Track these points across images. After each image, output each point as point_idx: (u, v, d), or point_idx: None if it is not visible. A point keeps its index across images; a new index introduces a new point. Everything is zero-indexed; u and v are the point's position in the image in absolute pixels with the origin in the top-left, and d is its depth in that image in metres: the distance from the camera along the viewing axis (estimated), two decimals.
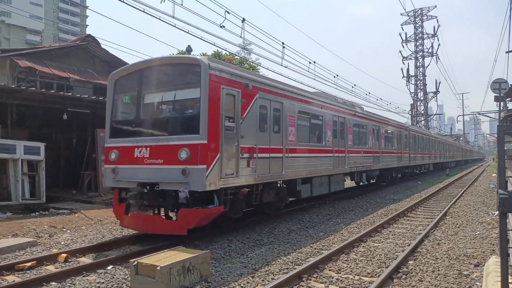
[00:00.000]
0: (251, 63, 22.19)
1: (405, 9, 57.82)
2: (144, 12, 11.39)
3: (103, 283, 6.01)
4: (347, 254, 7.79)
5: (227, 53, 22.23)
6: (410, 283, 6.04)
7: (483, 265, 6.59)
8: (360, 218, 12.02)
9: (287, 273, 6.33)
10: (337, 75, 23.42)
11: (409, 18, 58.43)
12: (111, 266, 6.83)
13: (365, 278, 6.28)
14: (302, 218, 11.94)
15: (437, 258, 7.46)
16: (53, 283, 6.00)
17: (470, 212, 13.23)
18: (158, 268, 5.36)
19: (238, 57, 22.56)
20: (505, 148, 3.22)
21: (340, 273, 6.54)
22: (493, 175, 29.25)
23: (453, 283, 5.98)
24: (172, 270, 5.51)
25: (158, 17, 11.86)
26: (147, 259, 5.73)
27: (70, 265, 6.98)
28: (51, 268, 6.78)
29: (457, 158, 56.84)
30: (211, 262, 6.61)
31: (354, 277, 6.37)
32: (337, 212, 13.30)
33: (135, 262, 5.64)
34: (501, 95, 12.63)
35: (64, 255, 7.28)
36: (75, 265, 6.87)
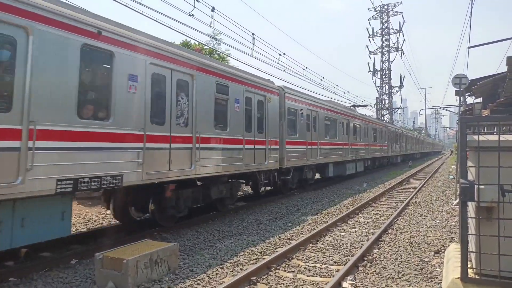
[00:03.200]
0: (221, 54, 21.90)
1: (372, 4, 59.00)
2: None
3: (66, 277, 5.80)
4: (314, 243, 7.94)
5: (196, 42, 21.84)
6: (375, 271, 6.24)
7: (443, 252, 6.91)
8: (327, 209, 12.27)
9: (256, 263, 6.38)
10: (306, 68, 23.58)
11: (376, 13, 59.79)
12: (75, 261, 6.60)
13: (332, 267, 6.43)
14: (271, 209, 12.04)
15: (400, 246, 7.75)
16: (12, 278, 5.72)
17: (430, 202, 13.84)
18: (125, 261, 5.24)
19: (208, 47, 22.19)
20: (467, 140, 3.35)
21: (307, 262, 6.66)
22: (452, 166, 30.70)
23: (414, 270, 6.24)
24: (139, 263, 5.40)
25: (125, 4, 11.42)
26: (113, 253, 5.58)
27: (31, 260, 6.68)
28: (11, 264, 6.46)
29: (418, 150, 59.01)
30: (179, 254, 6.54)
31: (321, 265, 6.50)
32: (305, 203, 13.52)
33: (101, 256, 5.48)
34: (461, 89, 13.17)
35: (24, 250, 6.93)
36: (36, 260, 6.58)
